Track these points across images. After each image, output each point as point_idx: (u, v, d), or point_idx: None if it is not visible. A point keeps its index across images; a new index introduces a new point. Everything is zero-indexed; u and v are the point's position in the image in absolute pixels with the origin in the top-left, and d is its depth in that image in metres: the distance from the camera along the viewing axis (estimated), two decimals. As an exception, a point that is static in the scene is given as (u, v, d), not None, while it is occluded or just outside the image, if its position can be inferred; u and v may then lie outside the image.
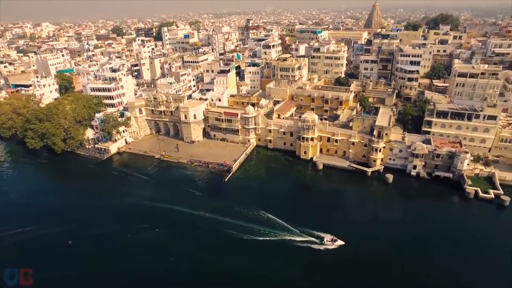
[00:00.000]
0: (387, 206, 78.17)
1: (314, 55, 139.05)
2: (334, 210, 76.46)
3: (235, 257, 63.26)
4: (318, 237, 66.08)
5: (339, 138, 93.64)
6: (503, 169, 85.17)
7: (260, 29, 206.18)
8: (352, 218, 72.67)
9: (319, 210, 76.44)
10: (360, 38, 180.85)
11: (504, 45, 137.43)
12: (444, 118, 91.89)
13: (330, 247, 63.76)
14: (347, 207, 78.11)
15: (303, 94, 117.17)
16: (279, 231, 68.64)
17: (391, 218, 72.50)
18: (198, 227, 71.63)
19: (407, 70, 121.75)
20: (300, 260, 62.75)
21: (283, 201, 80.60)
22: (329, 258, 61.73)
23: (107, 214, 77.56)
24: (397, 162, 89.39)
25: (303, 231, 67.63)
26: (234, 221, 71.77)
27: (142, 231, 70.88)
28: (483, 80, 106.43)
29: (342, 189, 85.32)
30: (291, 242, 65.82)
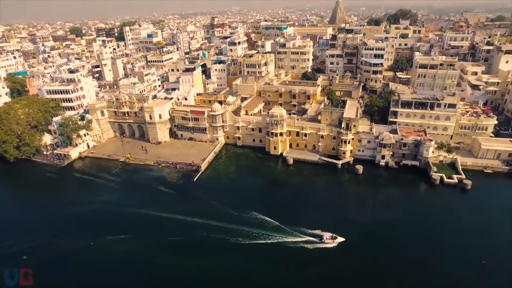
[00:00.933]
0: (360, 197, 78.42)
1: (280, 50, 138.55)
2: (308, 205, 75.38)
3: (211, 260, 60.56)
4: (313, 235, 64.17)
5: (308, 132, 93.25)
6: (464, 155, 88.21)
7: (226, 27, 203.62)
8: (331, 213, 71.64)
9: (294, 205, 75.45)
10: (325, 34, 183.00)
11: (458, 38, 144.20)
12: (408, 108, 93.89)
13: (331, 245, 61.84)
14: (321, 201, 76.81)
15: (271, 89, 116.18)
16: (256, 229, 66.63)
17: (366, 209, 72.91)
18: (167, 230, 68.35)
19: (371, 63, 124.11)
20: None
21: (254, 197, 78.98)
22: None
23: (68, 223, 72.33)
24: (366, 153, 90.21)
25: (297, 230, 65.45)
26: (205, 222, 69.31)
27: (107, 238, 66.59)
28: (442, 71, 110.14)
29: (314, 183, 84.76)
30: (284, 243, 63.53)
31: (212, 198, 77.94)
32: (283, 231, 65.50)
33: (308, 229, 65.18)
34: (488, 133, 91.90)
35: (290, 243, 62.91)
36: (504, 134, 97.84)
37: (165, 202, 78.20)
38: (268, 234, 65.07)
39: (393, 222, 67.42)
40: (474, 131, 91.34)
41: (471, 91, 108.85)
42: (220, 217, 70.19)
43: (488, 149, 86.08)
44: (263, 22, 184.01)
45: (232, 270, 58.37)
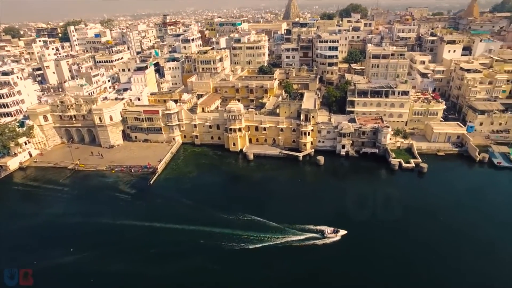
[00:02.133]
0: (324, 188, 78.14)
1: (235, 46, 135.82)
2: (274, 199, 73.39)
3: (174, 266, 56.33)
4: (310, 231, 61.63)
5: (267, 125, 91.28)
6: (419, 140, 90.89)
7: (179, 25, 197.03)
8: (299, 206, 70.06)
9: (259, 201, 72.93)
10: (280, 29, 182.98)
11: (405, 30, 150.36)
12: (365, 97, 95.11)
13: (334, 239, 59.57)
14: (286, 195, 75.21)
15: (227, 85, 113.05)
16: (228, 229, 63.35)
17: (332, 199, 72.46)
18: (123, 238, 63.08)
19: (326, 55, 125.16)
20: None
21: (215, 196, 75.49)
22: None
23: (6, 241, 64.42)
24: (326, 144, 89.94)
25: (293, 227, 62.64)
26: (164, 225, 65.08)
27: (53, 253, 59.89)
28: (394, 60, 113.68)
29: (277, 178, 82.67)
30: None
31: (170, 200, 73.85)
32: (268, 230, 62.58)
33: (302, 224, 63.04)
34: (439, 117, 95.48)
35: (286, 242, 59.70)
36: (452, 118, 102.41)
37: (120, 208, 72.61)
38: (251, 235, 61.66)
39: (359, 209, 67.81)
40: (426, 117, 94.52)
41: (421, 79, 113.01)
42: (179, 219, 66.17)
43: (440, 133, 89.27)
44: (217, 19, 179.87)
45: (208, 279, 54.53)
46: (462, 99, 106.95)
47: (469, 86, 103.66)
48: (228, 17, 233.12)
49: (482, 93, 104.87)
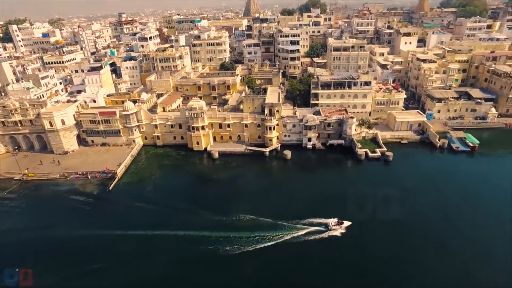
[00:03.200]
0: (292, 182, 76.62)
1: (195, 43, 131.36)
2: (243, 196, 70.64)
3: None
4: (317, 224, 59.84)
5: (231, 122, 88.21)
6: (383, 129, 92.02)
7: (136, 23, 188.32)
8: (267, 201, 68.42)
9: (225, 199, 69.68)
10: (240, 25, 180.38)
11: (364, 24, 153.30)
12: (328, 89, 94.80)
13: (340, 231, 58.03)
14: (254, 191, 72.72)
15: (188, 83, 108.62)
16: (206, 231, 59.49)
17: (300, 192, 71.01)
18: (77, 249, 57.46)
19: (288, 50, 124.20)
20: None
21: (180, 197, 70.96)
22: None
23: None
24: (292, 138, 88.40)
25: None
26: (125, 233, 60.15)
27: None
28: (354, 53, 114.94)
29: (243, 175, 79.87)
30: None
31: (132, 205, 68.91)
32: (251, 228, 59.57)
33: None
34: (400, 107, 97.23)
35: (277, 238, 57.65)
36: (412, 107, 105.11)
37: (77, 218, 66.60)
38: (228, 235, 58.57)
39: (331, 200, 67.09)
40: (388, 106, 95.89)
41: (381, 70, 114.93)
42: (145, 225, 61.84)
43: (402, 122, 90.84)
44: (175, 16, 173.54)
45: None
46: (420, 89, 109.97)
47: (426, 75, 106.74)
48: (187, 15, 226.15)
49: (437, 82, 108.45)
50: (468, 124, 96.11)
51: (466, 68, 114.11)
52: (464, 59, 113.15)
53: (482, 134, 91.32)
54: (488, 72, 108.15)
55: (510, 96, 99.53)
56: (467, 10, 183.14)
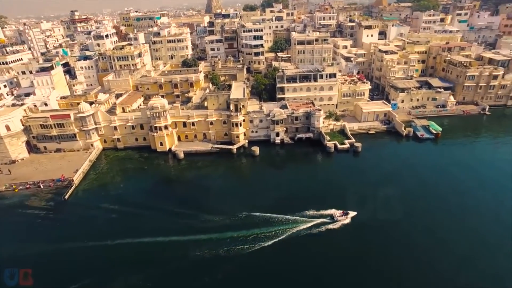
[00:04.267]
0: (263, 178, 74.31)
1: (155, 40, 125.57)
2: (210, 196, 67.06)
3: None
4: (322, 216, 58.57)
5: (196, 120, 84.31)
6: (350, 121, 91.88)
7: (91, 21, 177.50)
8: (235, 199, 65.45)
9: (191, 199, 66.01)
10: (202, 22, 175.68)
11: (326, 18, 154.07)
12: (294, 83, 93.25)
13: (345, 221, 57.17)
14: (222, 190, 69.76)
15: (149, 82, 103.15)
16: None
17: (272, 188, 68.58)
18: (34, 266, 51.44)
19: (252, 45, 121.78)
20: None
21: (145, 203, 66.17)
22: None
23: None
24: (260, 134, 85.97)
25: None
26: (84, 244, 54.93)
27: None
28: (318, 46, 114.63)
29: (210, 174, 76.28)
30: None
31: (90, 213, 63.69)
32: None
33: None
34: (366, 97, 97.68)
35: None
36: (377, 98, 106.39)
37: (28, 232, 60.10)
38: (196, 238, 54.79)
39: (305, 194, 65.53)
40: (354, 97, 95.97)
41: (345, 63, 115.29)
42: (107, 234, 56.96)
43: (368, 112, 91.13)
44: (133, 13, 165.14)
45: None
46: (384, 80, 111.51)
47: (388, 66, 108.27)
48: (146, 13, 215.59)
49: (399, 73, 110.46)
50: (430, 113, 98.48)
51: (425, 59, 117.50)
52: (423, 50, 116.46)
53: (443, 121, 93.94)
54: (445, 62, 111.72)
55: (465, 84, 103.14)
56: (421, 5, 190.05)
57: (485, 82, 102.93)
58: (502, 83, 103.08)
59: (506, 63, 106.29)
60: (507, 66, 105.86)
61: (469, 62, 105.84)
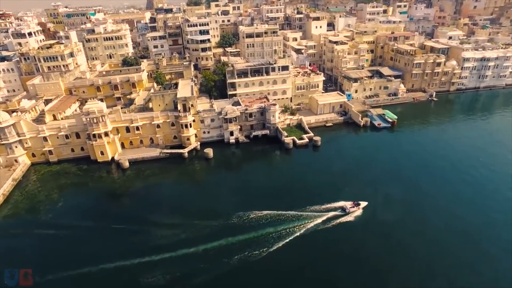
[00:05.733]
0: (218, 182, 68.10)
1: (89, 37, 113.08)
2: (160, 208, 59.36)
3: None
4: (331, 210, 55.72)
5: (140, 124, 75.61)
6: (306, 114, 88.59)
7: (10, 18, 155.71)
8: (186, 206, 59.22)
9: (136, 214, 57.65)
10: (143, 18, 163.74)
11: (273, 10, 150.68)
12: (245, 77, 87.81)
13: (358, 212, 54.87)
14: (174, 198, 62.66)
15: (84, 84, 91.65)
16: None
17: (227, 192, 62.90)
18: None
19: (198, 40, 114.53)
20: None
21: (80, 225, 57.05)
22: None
23: None
24: (212, 134, 79.46)
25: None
26: None
27: None
28: (268, 38, 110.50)
29: (160, 182, 68.56)
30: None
31: (13, 244, 53.55)
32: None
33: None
34: (320, 89, 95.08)
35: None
36: (331, 90, 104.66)
37: None
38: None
39: (267, 194, 61.20)
40: (309, 90, 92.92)
41: (296, 55, 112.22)
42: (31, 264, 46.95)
43: (324, 104, 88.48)
44: (62, 9, 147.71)
45: None
46: (336, 70, 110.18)
47: (339, 57, 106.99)
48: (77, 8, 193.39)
49: (351, 63, 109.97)
50: (384, 101, 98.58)
51: (373, 49, 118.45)
52: (371, 40, 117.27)
53: (396, 109, 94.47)
54: (393, 51, 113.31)
55: (413, 72, 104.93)
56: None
57: (430, 70, 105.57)
58: (444, 69, 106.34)
59: (445, 51, 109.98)
60: (447, 54, 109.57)
61: (414, 51, 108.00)
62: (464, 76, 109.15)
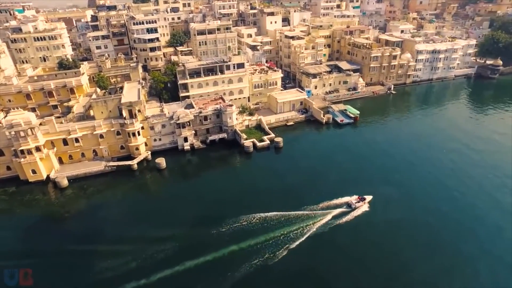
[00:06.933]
0: (170, 195, 60.78)
1: (15, 38, 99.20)
2: (103, 231, 51.08)
3: None
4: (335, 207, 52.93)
5: (80, 135, 65.98)
6: (266, 114, 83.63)
7: None
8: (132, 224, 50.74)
9: (77, 240, 48.96)
10: (84, 17, 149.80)
11: (226, 6, 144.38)
12: (198, 77, 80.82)
13: (365, 207, 52.78)
14: (122, 218, 54.67)
15: (9, 91, 78.99)
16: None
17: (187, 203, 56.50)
18: None
19: (146, 39, 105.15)
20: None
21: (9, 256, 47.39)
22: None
23: None
24: (164, 141, 71.69)
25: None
26: None
27: None
28: (221, 35, 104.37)
29: (106, 200, 59.84)
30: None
31: None
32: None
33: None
34: (279, 87, 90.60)
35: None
36: (290, 87, 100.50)
37: None
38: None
39: (221, 205, 54.95)
40: (267, 88, 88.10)
41: (252, 52, 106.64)
42: None
43: (284, 102, 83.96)
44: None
45: None
46: (294, 66, 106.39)
47: (297, 53, 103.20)
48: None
49: (308, 59, 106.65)
50: (344, 96, 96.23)
51: (330, 43, 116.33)
52: (327, 34, 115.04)
53: (357, 103, 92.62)
54: (349, 45, 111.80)
55: (371, 65, 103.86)
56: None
57: (387, 62, 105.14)
58: (400, 62, 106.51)
59: (400, 44, 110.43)
60: (401, 47, 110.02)
61: (371, 44, 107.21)
62: (418, 69, 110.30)
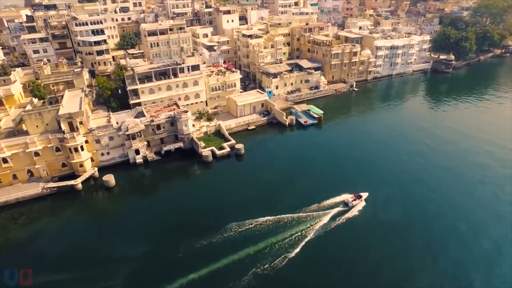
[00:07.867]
0: (122, 216, 53.95)
1: None
2: (40, 268, 43.01)
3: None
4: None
5: (9, 154, 57.03)
6: (226, 118, 78.63)
7: None
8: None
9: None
10: (18, 17, 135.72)
11: (180, 5, 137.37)
12: (149, 82, 73.92)
13: (361, 205, 51.76)
14: (64, 249, 46.85)
15: None
16: None
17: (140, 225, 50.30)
18: None
19: (91, 42, 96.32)
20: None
21: None
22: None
23: None
24: (114, 155, 64.28)
25: None
26: None
27: None
28: (174, 35, 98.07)
29: (42, 230, 51.56)
30: None
31: None
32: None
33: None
34: (238, 89, 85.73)
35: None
36: (250, 88, 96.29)
37: None
38: None
39: (180, 219, 50.59)
40: (225, 90, 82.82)
41: (209, 53, 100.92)
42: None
43: (244, 105, 79.37)
44: None
45: None
46: (253, 66, 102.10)
47: (256, 52, 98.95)
48: None
49: (268, 58, 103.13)
50: (306, 96, 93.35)
51: (290, 41, 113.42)
52: (286, 32, 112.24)
53: (319, 102, 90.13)
54: (309, 43, 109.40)
55: (332, 63, 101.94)
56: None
57: (348, 59, 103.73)
58: (361, 59, 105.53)
59: (359, 40, 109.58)
60: (361, 43, 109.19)
61: (331, 41, 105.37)
62: (378, 65, 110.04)
